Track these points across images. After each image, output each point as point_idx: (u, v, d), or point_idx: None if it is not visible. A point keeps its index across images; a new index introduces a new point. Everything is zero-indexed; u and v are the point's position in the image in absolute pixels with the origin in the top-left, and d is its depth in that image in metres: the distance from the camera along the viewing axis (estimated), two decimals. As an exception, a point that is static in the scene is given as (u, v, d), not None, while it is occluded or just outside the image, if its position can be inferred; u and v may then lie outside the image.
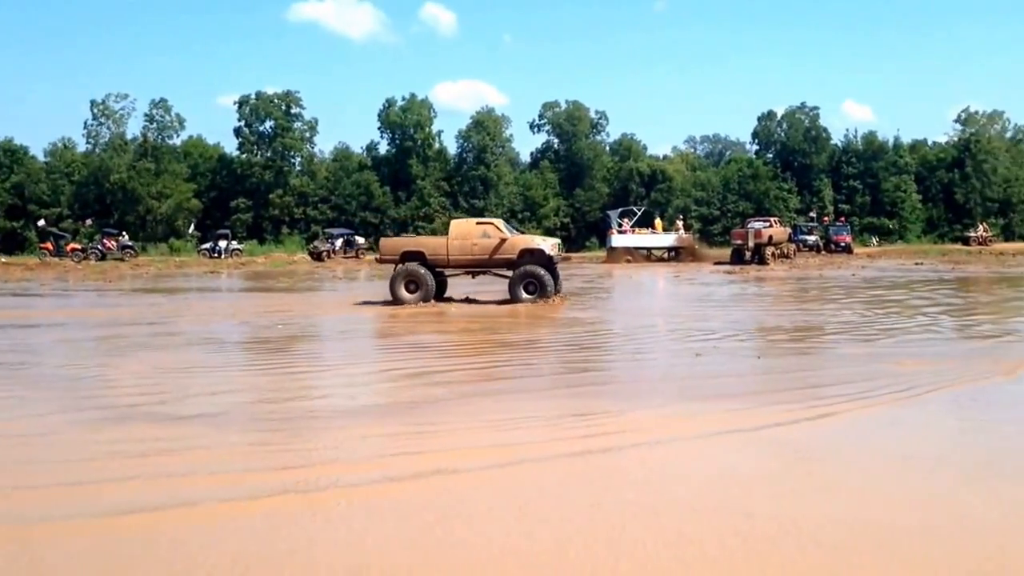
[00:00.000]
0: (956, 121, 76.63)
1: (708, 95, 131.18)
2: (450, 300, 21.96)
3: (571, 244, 69.25)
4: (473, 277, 22.71)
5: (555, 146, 76.43)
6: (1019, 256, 46.68)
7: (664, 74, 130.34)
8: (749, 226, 45.90)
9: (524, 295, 20.47)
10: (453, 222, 23.26)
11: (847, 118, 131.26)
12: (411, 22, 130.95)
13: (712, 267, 42.00)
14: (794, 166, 73.82)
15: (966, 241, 61.09)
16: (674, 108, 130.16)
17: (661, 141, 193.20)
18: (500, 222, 23.06)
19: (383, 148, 72.31)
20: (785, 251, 45.74)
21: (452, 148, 73.28)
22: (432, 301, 20.82)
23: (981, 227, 63.98)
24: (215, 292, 30.16)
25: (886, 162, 72.59)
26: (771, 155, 76.16)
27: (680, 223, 52.71)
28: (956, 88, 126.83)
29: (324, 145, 76.45)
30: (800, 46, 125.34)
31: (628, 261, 46.83)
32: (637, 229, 51.02)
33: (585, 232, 70.72)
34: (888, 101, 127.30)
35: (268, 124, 68.57)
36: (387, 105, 70.45)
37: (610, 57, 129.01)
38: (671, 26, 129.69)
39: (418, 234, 66.45)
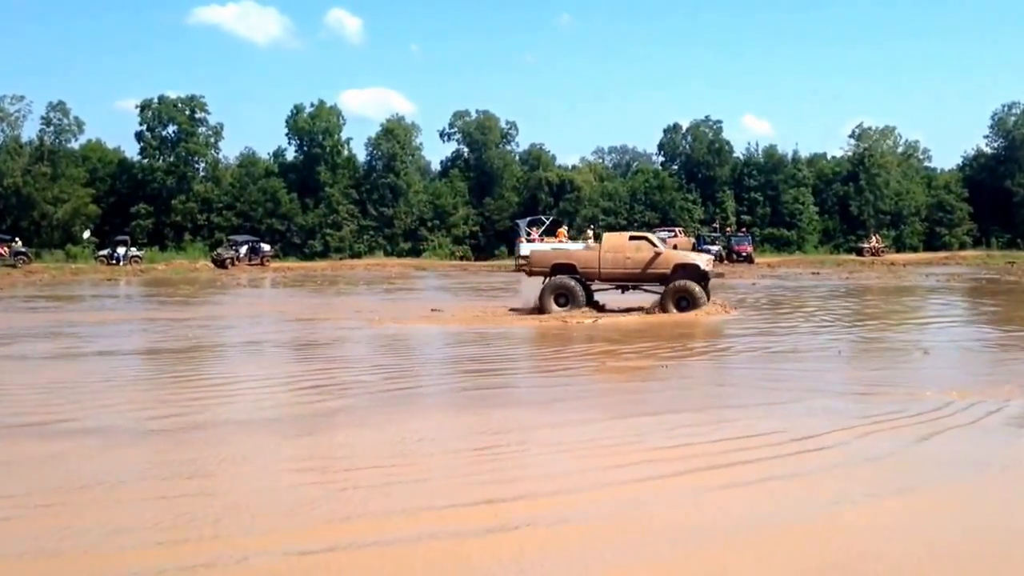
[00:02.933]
0: (851, 136, 79.30)
1: (615, 107, 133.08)
2: (602, 309, 21.56)
3: (480, 252, 69.66)
4: (623, 292, 22.14)
5: (465, 155, 76.60)
6: (909, 266, 48.76)
7: (572, 85, 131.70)
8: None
9: (674, 310, 20.02)
10: (606, 235, 23.30)
11: (747, 131, 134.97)
12: (317, 28, 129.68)
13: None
14: (698, 178, 75.47)
15: (860, 252, 63.42)
16: (582, 119, 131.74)
17: (570, 151, 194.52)
18: (653, 237, 23.03)
19: (291, 154, 71.52)
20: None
21: (361, 155, 72.91)
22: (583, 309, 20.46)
23: (874, 238, 66.49)
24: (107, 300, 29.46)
25: (785, 175, 74.75)
26: (676, 167, 77.67)
27: (589, 232, 53.38)
28: (851, 104, 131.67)
29: (230, 151, 74.61)
30: (702, 60, 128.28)
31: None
32: (546, 238, 51.45)
33: (494, 241, 71.00)
34: (785, 116, 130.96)
35: (171, 129, 66.90)
36: (295, 111, 69.60)
37: (519, 68, 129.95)
38: (577, 39, 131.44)
39: (326, 242, 66.07)
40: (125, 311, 24.57)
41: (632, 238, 22.03)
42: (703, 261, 21.37)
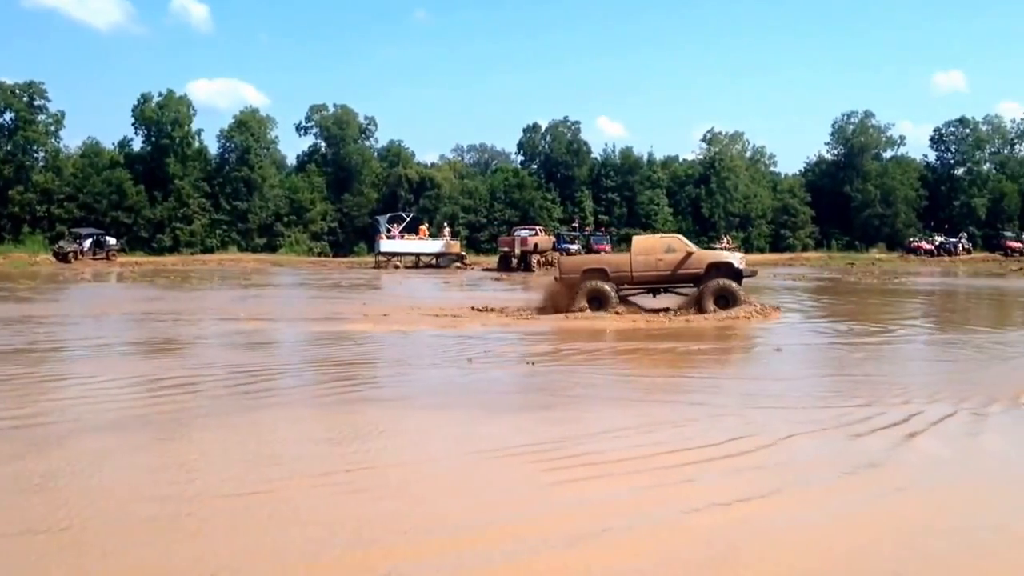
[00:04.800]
0: (702, 140, 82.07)
1: (474, 105, 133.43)
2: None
3: (339, 249, 68.46)
4: (654, 296, 21.24)
5: (323, 150, 75.26)
6: (756, 266, 50.52)
7: (430, 82, 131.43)
8: (516, 234, 47.10)
9: (712, 308, 19.32)
10: (635, 238, 22.19)
11: (602, 133, 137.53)
12: (161, 14, 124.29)
13: (481, 273, 42.71)
14: (557, 177, 76.44)
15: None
16: (442, 117, 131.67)
17: (429, 149, 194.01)
18: (682, 237, 22.18)
19: (137, 145, 68.29)
20: (550, 259, 47.13)
21: (213, 148, 70.34)
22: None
23: (725, 239, 68.74)
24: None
25: (641, 176, 76.53)
26: (536, 166, 78.49)
27: (447, 230, 53.25)
28: (702, 109, 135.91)
29: (71, 140, 70.83)
30: (558, 61, 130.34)
31: (396, 266, 46.79)
32: (406, 235, 51.08)
33: (353, 237, 69.98)
34: (638, 119, 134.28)
35: (8, 116, 63.04)
36: (142, 100, 66.48)
37: (377, 63, 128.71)
38: (434, 36, 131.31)
39: (176, 236, 63.49)
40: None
41: (663, 238, 21.76)
42: (736, 259, 20.98)
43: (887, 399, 9.73)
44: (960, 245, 66.85)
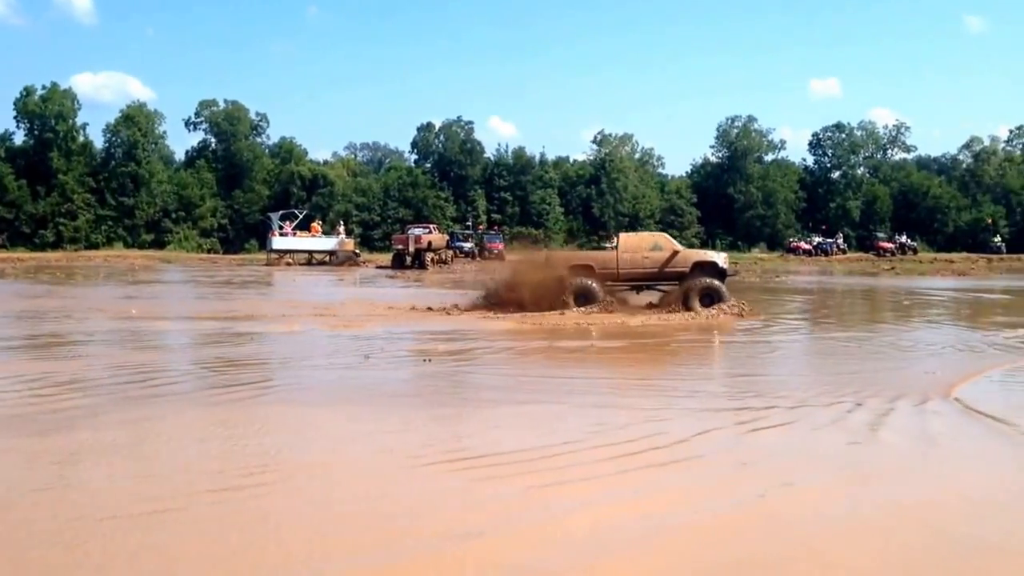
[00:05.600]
0: (593, 142, 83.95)
1: (368, 103, 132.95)
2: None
3: (229, 246, 67.62)
4: (638, 293, 21.11)
5: (213, 145, 74.22)
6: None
7: (323, 79, 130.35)
8: (409, 232, 47.59)
9: (698, 307, 19.30)
10: (622, 235, 21.95)
11: (495, 133, 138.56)
12: (42, 6, 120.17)
13: (375, 271, 43.09)
14: (451, 176, 77.10)
15: (603, 251, 67.07)
16: (335, 114, 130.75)
17: (322, 146, 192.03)
18: (667, 235, 22.08)
19: (19, 139, 66.46)
20: (444, 257, 47.85)
21: (99, 142, 68.73)
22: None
23: (615, 239, 70.48)
24: None
25: (533, 176, 77.81)
26: (429, 165, 79.00)
27: (341, 227, 53.31)
28: (593, 111, 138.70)
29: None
30: (452, 61, 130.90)
31: (288, 263, 46.74)
32: (299, 232, 50.96)
33: (244, 234, 69.23)
34: (530, 120, 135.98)
35: None
36: (25, 93, 64.66)
37: (268, 59, 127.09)
38: (327, 32, 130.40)
39: (60, 232, 61.75)
40: None
41: (649, 236, 22.05)
42: (721, 259, 21.09)
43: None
44: (836, 245, 70.14)
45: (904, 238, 70.50)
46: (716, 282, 19.90)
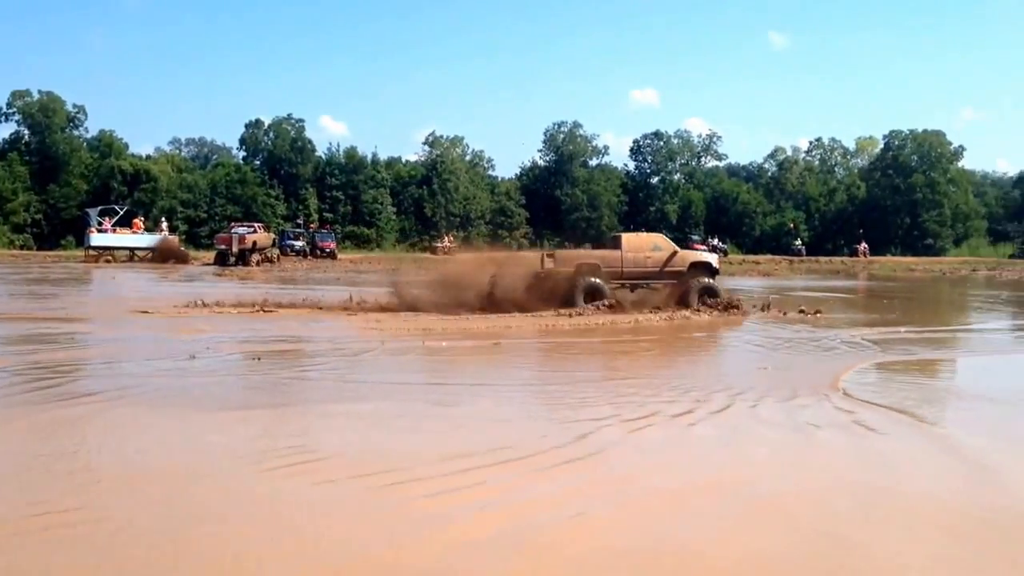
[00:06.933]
0: (424, 143, 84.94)
1: (192, 98, 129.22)
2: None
3: (44, 243, 64.82)
4: (632, 291, 21.19)
5: (26, 138, 70.96)
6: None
7: (145, 71, 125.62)
8: (233, 231, 47.10)
9: (697, 304, 20.02)
10: (625, 235, 22.37)
11: (326, 132, 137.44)
12: None
13: (201, 268, 42.57)
14: (281, 174, 76.33)
15: (434, 251, 68.14)
16: (157, 108, 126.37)
17: (144, 141, 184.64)
18: (664, 236, 22.62)
19: None
20: (270, 256, 47.61)
21: None
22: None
23: (447, 238, 71.60)
24: None
25: (365, 176, 78.06)
26: (259, 162, 77.95)
27: (164, 224, 52.11)
28: (424, 113, 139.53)
29: None
30: (281, 58, 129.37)
31: (108, 261, 45.44)
32: (119, 229, 49.45)
33: (60, 230, 66.38)
34: (362, 120, 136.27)
35: None
36: None
37: (86, 48, 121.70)
38: (146, 23, 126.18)
39: None
40: None
41: (649, 236, 22.75)
42: (714, 260, 22.25)
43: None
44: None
45: (716, 240, 74.49)
46: (712, 281, 21.20)
